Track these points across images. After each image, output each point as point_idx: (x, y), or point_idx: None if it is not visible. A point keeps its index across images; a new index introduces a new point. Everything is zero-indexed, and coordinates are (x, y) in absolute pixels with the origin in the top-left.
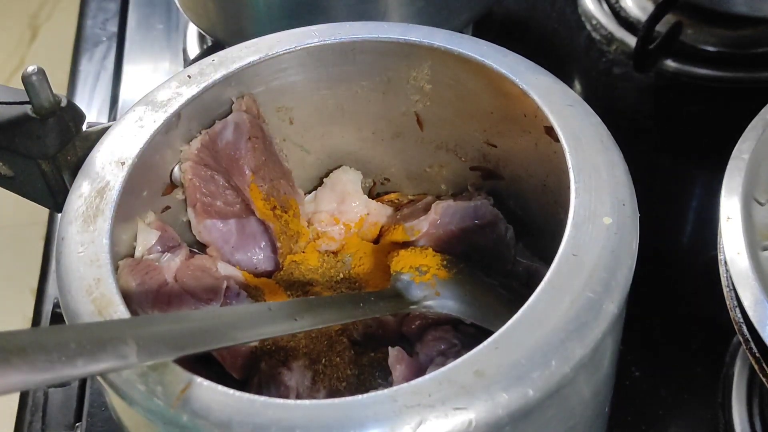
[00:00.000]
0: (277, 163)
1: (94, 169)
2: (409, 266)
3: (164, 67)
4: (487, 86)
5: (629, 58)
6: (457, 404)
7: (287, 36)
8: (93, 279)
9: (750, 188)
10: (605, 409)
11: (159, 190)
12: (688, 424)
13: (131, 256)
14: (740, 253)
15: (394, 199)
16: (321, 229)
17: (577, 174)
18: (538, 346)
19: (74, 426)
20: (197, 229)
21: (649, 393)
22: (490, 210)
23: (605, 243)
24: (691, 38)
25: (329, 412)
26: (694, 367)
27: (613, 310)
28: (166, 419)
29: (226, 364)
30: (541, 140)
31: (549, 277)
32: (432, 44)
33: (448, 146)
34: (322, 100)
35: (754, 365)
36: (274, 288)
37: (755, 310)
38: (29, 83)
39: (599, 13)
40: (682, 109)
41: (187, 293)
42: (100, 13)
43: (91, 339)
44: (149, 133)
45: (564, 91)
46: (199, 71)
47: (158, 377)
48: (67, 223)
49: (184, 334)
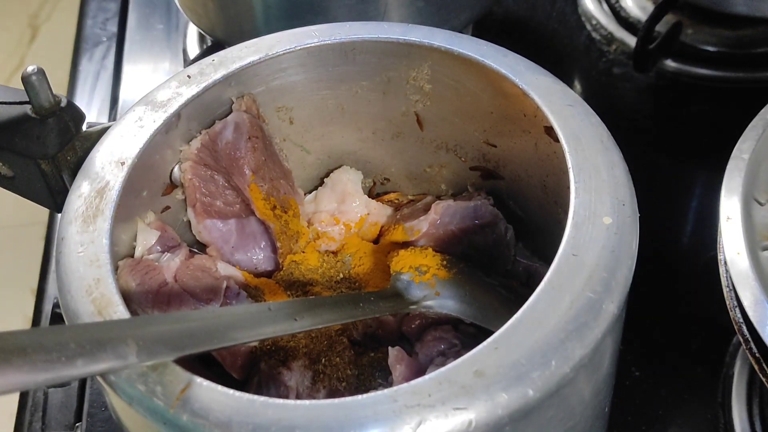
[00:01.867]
0: (277, 163)
1: (94, 169)
2: (408, 266)
3: (164, 67)
4: (487, 86)
5: (629, 58)
6: (457, 404)
7: (287, 36)
8: (93, 279)
9: (750, 188)
10: (605, 409)
11: (159, 190)
12: (688, 424)
13: (131, 256)
14: (740, 253)
15: (394, 199)
16: (321, 229)
17: (577, 174)
18: (538, 346)
19: (74, 426)
20: (197, 229)
21: (649, 393)
22: (490, 210)
23: (605, 243)
24: (691, 38)
25: (329, 412)
26: (694, 367)
27: (613, 310)
28: (166, 419)
29: (226, 364)
30: (541, 140)
31: (549, 277)
32: (432, 44)
33: (448, 146)
34: (322, 100)
35: (754, 365)
36: (274, 288)
37: (755, 310)
38: (29, 83)
39: (599, 13)
40: (682, 109)
41: (187, 293)
42: (100, 13)
43: (91, 339)
44: (149, 133)
45: (564, 91)
46: (199, 71)
47: (158, 377)
48: (67, 223)
49: (184, 334)
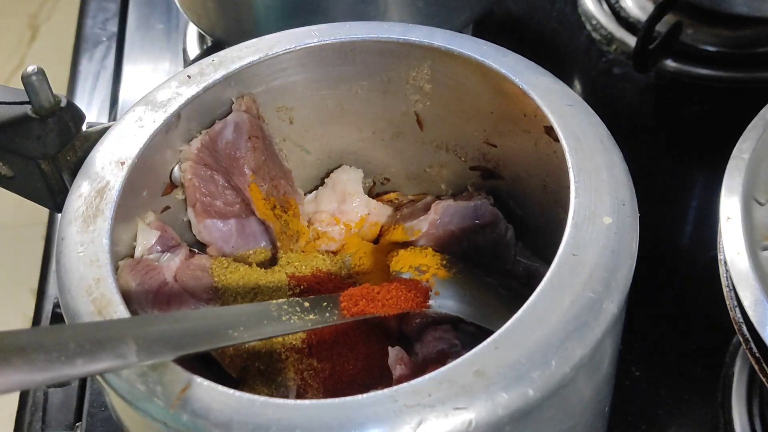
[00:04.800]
0: (277, 163)
1: (94, 169)
2: (408, 266)
3: (164, 67)
4: (487, 86)
5: (629, 58)
6: (457, 404)
7: (287, 36)
8: (93, 279)
9: (750, 188)
10: (605, 409)
11: (159, 190)
12: (688, 424)
13: (131, 256)
14: (740, 253)
15: (394, 199)
16: (321, 229)
17: (577, 174)
18: (538, 346)
19: (74, 426)
20: (197, 229)
21: (649, 393)
22: (490, 210)
23: (605, 243)
24: (691, 38)
25: (329, 412)
26: (694, 367)
27: (613, 310)
28: (166, 419)
29: (224, 364)
30: (541, 140)
31: (549, 277)
32: (432, 44)
33: (448, 146)
34: (322, 100)
35: (754, 365)
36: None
37: (755, 310)
38: (29, 83)
39: (599, 13)
40: (682, 109)
41: (187, 293)
42: (100, 13)
43: (91, 339)
44: (149, 133)
45: (564, 91)
46: (199, 71)
47: (158, 377)
48: (67, 223)
49: (183, 333)
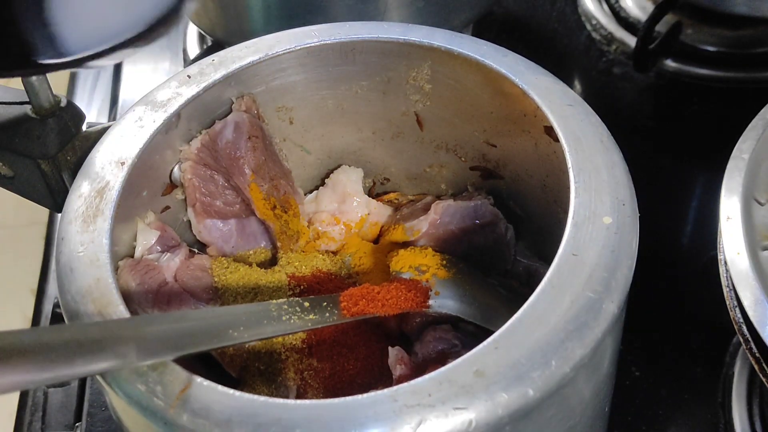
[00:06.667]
0: (277, 163)
1: (94, 169)
2: (408, 266)
3: (164, 67)
4: (487, 86)
5: (629, 58)
6: (457, 404)
7: (287, 36)
8: (93, 279)
9: (750, 188)
10: (605, 409)
11: (159, 190)
12: (688, 424)
13: (131, 256)
14: (740, 253)
15: (394, 199)
16: (321, 229)
17: (577, 174)
18: (538, 346)
19: (74, 426)
20: (197, 229)
21: (649, 393)
22: (490, 210)
23: (605, 243)
24: (691, 38)
25: (329, 412)
26: (694, 367)
27: (613, 310)
28: (166, 419)
29: (224, 364)
30: (541, 140)
31: (549, 277)
32: (432, 44)
33: (448, 146)
34: (322, 100)
35: (754, 365)
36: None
37: (755, 310)
38: (29, 83)
39: (599, 13)
40: (682, 109)
41: (187, 293)
42: None
43: (91, 339)
44: (149, 133)
45: (564, 91)
46: (199, 71)
47: (158, 377)
48: (67, 223)
49: (183, 334)
